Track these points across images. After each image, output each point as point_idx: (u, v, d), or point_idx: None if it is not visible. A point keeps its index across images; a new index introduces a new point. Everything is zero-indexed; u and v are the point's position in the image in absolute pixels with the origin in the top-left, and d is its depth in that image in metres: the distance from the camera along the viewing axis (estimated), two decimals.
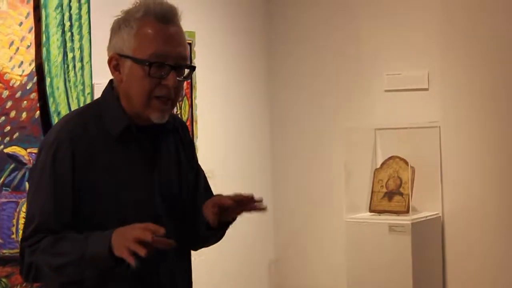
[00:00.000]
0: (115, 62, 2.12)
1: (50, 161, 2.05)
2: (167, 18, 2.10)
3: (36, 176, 2.08)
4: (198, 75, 4.71)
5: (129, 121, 2.12)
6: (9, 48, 3.71)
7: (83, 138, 2.08)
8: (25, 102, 3.77)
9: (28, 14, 3.79)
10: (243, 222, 5.47)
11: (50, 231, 2.03)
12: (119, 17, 2.15)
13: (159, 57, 2.07)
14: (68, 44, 3.88)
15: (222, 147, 5.08)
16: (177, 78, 2.11)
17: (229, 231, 2.58)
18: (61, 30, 3.85)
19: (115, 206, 2.09)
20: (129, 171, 2.13)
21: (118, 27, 2.12)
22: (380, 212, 4.70)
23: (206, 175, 2.39)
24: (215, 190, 5.39)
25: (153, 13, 2.08)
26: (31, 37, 3.80)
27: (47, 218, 2.03)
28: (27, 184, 3.73)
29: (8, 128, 3.70)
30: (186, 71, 2.15)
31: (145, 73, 2.06)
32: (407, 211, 4.54)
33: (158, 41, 2.08)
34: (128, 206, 2.11)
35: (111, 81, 2.20)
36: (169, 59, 2.08)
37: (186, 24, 2.24)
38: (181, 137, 2.33)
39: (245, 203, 2.31)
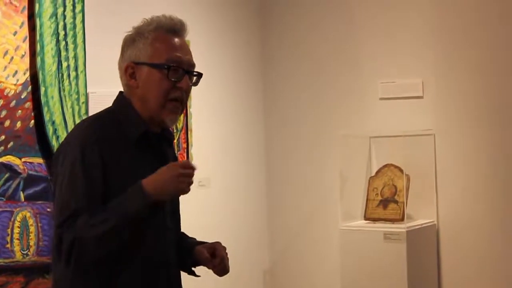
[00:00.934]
0: (131, 70, 2.33)
1: (80, 157, 2.19)
2: (177, 30, 2.35)
3: (65, 172, 2.20)
4: None
5: (147, 126, 2.32)
6: (3, 58, 3.72)
7: (106, 140, 2.25)
8: (19, 111, 3.77)
9: (22, 23, 3.79)
10: (238, 229, 5.50)
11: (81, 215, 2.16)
12: (130, 33, 2.37)
13: (174, 62, 2.30)
14: (63, 53, 3.88)
15: (217, 155, 5.08)
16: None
17: (225, 239, 2.61)
18: (55, 39, 3.85)
19: None
20: (144, 173, 2.26)
21: (132, 40, 2.35)
22: (375, 220, 4.70)
23: (202, 183, 2.65)
24: (211, 199, 5.41)
25: (165, 26, 2.33)
26: (25, 46, 3.80)
27: (82, 204, 2.16)
28: (21, 194, 3.73)
29: (3, 137, 3.70)
30: (194, 78, 2.39)
31: (163, 75, 2.29)
32: (402, 219, 4.54)
33: (172, 49, 2.32)
34: None
35: (121, 92, 2.39)
36: (182, 64, 2.32)
37: None
38: (172, 150, 2.56)
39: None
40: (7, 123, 3.72)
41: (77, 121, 3.90)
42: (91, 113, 3.91)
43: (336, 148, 4.93)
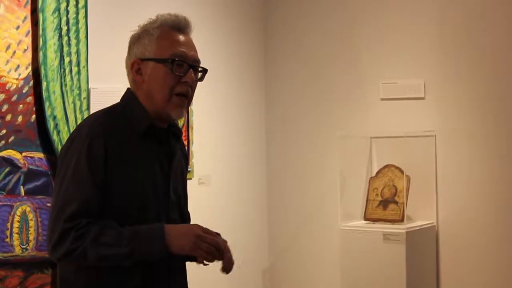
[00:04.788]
0: (137, 67, 2.38)
1: (86, 150, 2.24)
2: (182, 27, 2.40)
3: (71, 163, 2.25)
4: None
5: (152, 120, 2.37)
6: (5, 52, 3.71)
7: (113, 132, 2.30)
8: (21, 105, 3.77)
9: (25, 18, 3.79)
10: (238, 228, 5.50)
11: (90, 214, 2.21)
12: (136, 31, 2.42)
13: (178, 56, 2.36)
14: (65, 49, 3.88)
15: (218, 153, 5.08)
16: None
17: (224, 237, 2.62)
18: (58, 34, 3.85)
19: (139, 194, 2.31)
20: (151, 165, 2.36)
21: (137, 37, 2.40)
22: (375, 220, 4.70)
23: (202, 181, 2.71)
24: (211, 196, 5.41)
25: (170, 23, 2.39)
26: (28, 40, 3.80)
27: (86, 200, 2.22)
28: (21, 188, 3.73)
29: (4, 131, 3.69)
30: (199, 74, 2.45)
31: (168, 70, 2.34)
32: (402, 220, 4.54)
33: (177, 44, 2.37)
34: (150, 196, 2.34)
35: (128, 89, 2.44)
36: (187, 59, 2.37)
37: None
38: (181, 146, 2.59)
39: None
40: (8, 117, 3.72)
41: (78, 116, 3.90)
42: (92, 109, 3.92)
43: (337, 148, 4.92)
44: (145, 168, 2.33)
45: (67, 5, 3.89)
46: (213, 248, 2.25)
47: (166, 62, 2.33)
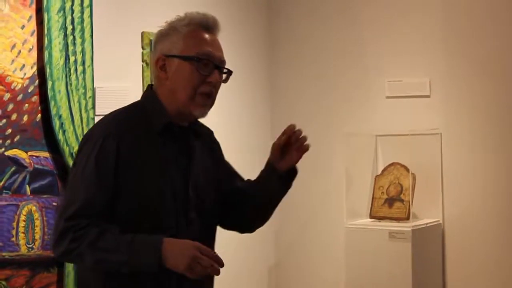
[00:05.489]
0: (161, 63, 2.34)
1: (96, 151, 2.22)
2: (210, 27, 2.39)
3: (81, 163, 2.24)
4: None
5: (170, 118, 2.33)
6: (11, 51, 3.72)
7: (129, 132, 2.27)
8: (26, 105, 3.78)
9: (30, 17, 3.80)
10: None
11: (92, 216, 2.19)
12: (164, 28, 2.39)
13: (205, 55, 2.32)
14: (70, 48, 3.88)
15: (224, 150, 5.07)
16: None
17: (229, 235, 2.61)
18: (63, 34, 3.85)
19: (155, 194, 2.27)
20: (168, 164, 2.32)
21: (165, 34, 2.37)
22: (381, 218, 4.70)
23: None
24: None
25: (198, 21, 2.37)
26: (33, 40, 3.81)
27: (90, 201, 2.19)
28: (27, 187, 3.74)
29: (9, 131, 3.70)
30: (224, 76, 2.42)
31: (194, 68, 2.30)
32: (408, 218, 4.54)
33: (203, 43, 2.34)
34: (167, 196, 2.30)
35: (149, 86, 2.43)
36: (213, 59, 2.34)
37: None
38: (211, 143, 2.65)
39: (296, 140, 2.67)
40: (14, 116, 3.73)
41: (84, 115, 3.90)
42: (97, 108, 3.93)
43: (342, 146, 4.92)
44: (161, 168, 2.30)
45: (72, 4, 3.89)
46: (206, 271, 2.15)
47: (192, 60, 2.30)
